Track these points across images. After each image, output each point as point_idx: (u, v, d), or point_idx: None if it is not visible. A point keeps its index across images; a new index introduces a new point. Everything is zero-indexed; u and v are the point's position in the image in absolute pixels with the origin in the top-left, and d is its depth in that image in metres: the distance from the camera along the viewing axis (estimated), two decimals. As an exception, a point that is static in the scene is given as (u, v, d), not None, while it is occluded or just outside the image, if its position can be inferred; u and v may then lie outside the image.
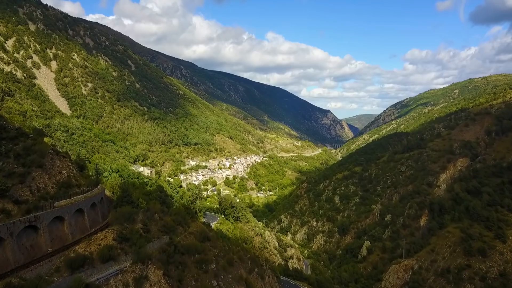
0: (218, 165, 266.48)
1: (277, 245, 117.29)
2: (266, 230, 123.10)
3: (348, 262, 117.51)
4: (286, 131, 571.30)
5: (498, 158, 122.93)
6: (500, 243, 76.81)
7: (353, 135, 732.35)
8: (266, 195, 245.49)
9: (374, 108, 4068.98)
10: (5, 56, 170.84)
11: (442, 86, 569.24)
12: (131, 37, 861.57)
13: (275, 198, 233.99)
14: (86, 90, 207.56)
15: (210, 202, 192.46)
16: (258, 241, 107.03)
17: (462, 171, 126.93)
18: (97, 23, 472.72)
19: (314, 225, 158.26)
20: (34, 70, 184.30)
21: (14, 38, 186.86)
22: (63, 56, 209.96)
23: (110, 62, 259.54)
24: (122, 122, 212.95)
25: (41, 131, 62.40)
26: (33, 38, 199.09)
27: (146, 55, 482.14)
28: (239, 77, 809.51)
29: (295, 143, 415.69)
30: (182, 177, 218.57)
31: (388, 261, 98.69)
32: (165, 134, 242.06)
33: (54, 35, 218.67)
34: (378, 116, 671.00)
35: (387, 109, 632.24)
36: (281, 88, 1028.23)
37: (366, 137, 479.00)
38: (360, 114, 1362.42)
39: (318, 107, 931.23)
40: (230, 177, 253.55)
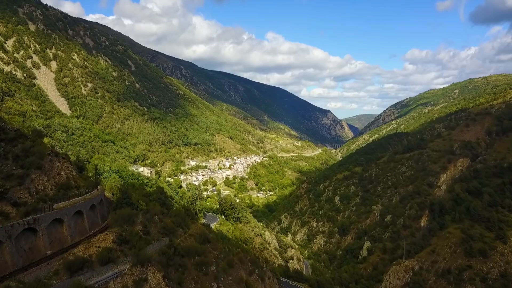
0: (218, 165, 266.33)
1: (277, 245, 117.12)
2: (266, 231, 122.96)
3: (348, 262, 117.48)
4: (286, 131, 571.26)
5: (499, 158, 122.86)
6: (500, 244, 76.73)
7: (353, 135, 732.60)
8: (266, 195, 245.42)
9: (374, 108, 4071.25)
10: (5, 56, 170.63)
11: (442, 86, 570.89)
12: (131, 37, 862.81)
13: (275, 198, 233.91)
14: (86, 90, 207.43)
15: (210, 202, 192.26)
16: (258, 242, 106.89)
17: (462, 172, 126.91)
18: (97, 23, 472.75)
19: (314, 225, 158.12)
20: (34, 70, 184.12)
21: (14, 38, 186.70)
22: (63, 56, 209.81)
23: (110, 62, 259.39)
24: (122, 122, 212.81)
25: (40, 132, 62.17)
26: (33, 38, 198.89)
27: (146, 55, 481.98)
28: (239, 77, 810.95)
29: (295, 143, 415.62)
30: (182, 177, 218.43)
31: (388, 261, 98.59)
32: (165, 134, 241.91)
33: (54, 35, 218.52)
34: (378, 116, 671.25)
35: (387, 109, 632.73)
36: (281, 88, 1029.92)
37: (366, 137, 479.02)
38: (360, 114, 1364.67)
39: (318, 107, 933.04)
40: (230, 177, 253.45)
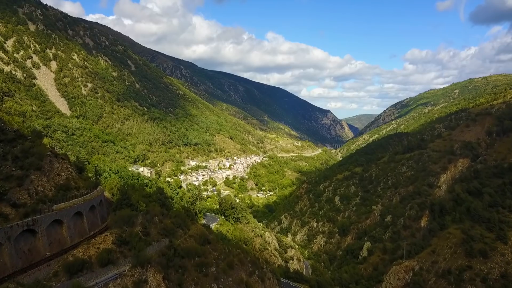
0: (218, 165, 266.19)
1: (277, 246, 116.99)
2: (266, 231, 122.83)
3: (348, 263, 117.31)
4: (286, 131, 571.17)
5: (499, 158, 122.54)
6: (501, 245, 76.33)
7: (353, 135, 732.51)
8: (266, 196, 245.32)
9: (374, 108, 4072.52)
10: (4, 56, 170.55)
11: (442, 86, 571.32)
12: (131, 37, 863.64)
13: (275, 198, 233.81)
14: (86, 90, 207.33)
15: (210, 202, 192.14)
16: (258, 242, 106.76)
17: (463, 172, 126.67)
18: (97, 23, 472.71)
19: (315, 225, 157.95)
20: (34, 70, 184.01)
21: (14, 38, 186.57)
22: (63, 56, 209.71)
23: (110, 62, 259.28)
24: (122, 123, 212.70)
25: (39, 133, 62.01)
26: (32, 38, 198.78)
27: (146, 55, 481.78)
28: (239, 77, 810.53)
29: (295, 143, 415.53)
30: (182, 177, 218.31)
31: (388, 262, 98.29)
32: (165, 134, 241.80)
33: (54, 35, 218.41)
34: (378, 116, 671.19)
35: (387, 109, 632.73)
36: (281, 88, 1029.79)
37: (366, 137, 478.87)
38: (360, 114, 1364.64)
39: (318, 107, 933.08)
40: (230, 177, 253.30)
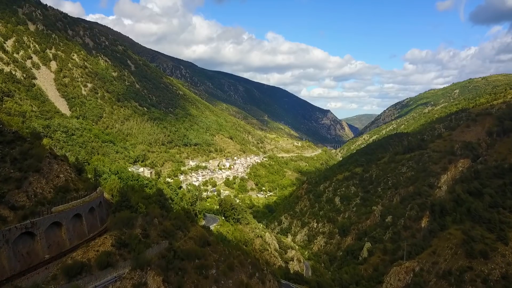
0: (218, 165, 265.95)
1: (277, 246, 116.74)
2: (267, 232, 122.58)
3: (348, 263, 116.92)
4: (286, 131, 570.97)
5: (500, 159, 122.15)
6: (502, 245, 76.06)
7: (353, 135, 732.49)
8: (266, 196, 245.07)
9: (374, 108, 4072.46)
10: (4, 56, 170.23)
11: (442, 86, 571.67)
12: (131, 37, 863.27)
13: (275, 198, 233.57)
14: (85, 91, 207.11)
15: (210, 203, 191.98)
16: (258, 243, 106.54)
17: (463, 172, 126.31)
18: (97, 23, 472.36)
19: (315, 226, 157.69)
20: (34, 70, 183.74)
21: (14, 38, 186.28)
22: (63, 56, 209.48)
23: (110, 62, 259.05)
24: (122, 123, 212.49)
25: (38, 135, 61.75)
26: (32, 38, 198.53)
27: (146, 55, 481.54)
28: (239, 77, 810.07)
29: (295, 143, 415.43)
30: (182, 177, 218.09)
31: (389, 263, 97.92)
32: (165, 135, 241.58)
33: (53, 35, 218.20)
34: (378, 116, 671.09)
35: (387, 109, 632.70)
36: (281, 88, 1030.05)
37: (366, 137, 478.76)
38: (360, 114, 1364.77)
39: (318, 107, 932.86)
40: (230, 177, 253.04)
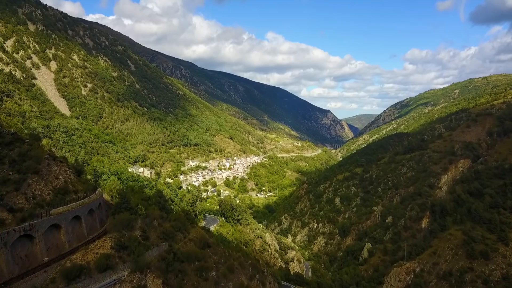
0: (218, 165, 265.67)
1: (277, 247, 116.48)
2: (267, 233, 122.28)
3: (349, 264, 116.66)
4: (286, 131, 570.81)
5: (500, 159, 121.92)
6: (502, 246, 75.84)
7: (353, 135, 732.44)
8: (266, 196, 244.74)
9: (374, 108, 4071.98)
10: (4, 56, 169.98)
11: (442, 86, 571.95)
12: (131, 37, 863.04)
13: (275, 199, 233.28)
14: (85, 91, 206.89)
15: (210, 203, 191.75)
16: (258, 243, 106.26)
17: (463, 173, 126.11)
18: (97, 23, 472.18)
19: (315, 226, 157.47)
20: (34, 70, 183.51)
21: (14, 39, 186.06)
22: (63, 56, 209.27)
23: (110, 63, 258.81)
24: (121, 123, 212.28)
25: (37, 136, 61.51)
26: (32, 39, 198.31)
27: (146, 55, 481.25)
28: (239, 77, 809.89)
29: (295, 143, 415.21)
30: (182, 177, 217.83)
31: (389, 263, 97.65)
32: (165, 135, 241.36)
33: (53, 35, 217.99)
34: (378, 116, 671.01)
35: (387, 109, 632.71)
36: (281, 88, 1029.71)
37: (366, 137, 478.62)
38: (360, 114, 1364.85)
39: (318, 107, 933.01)
40: (230, 177, 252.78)
